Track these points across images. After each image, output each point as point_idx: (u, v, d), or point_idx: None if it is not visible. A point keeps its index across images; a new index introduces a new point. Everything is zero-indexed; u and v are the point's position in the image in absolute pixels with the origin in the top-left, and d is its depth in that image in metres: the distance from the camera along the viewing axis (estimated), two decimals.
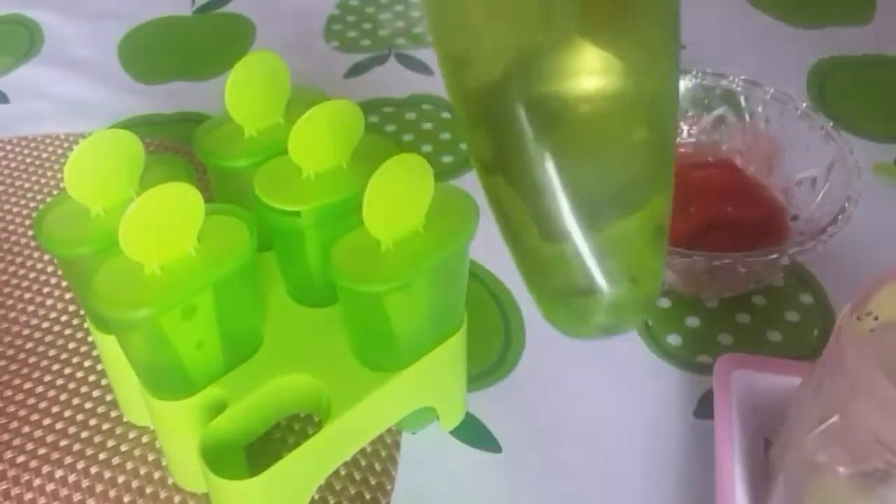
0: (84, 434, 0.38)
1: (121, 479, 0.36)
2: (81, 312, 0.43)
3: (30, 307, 0.43)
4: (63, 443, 0.38)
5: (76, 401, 0.39)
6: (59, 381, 0.40)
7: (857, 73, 0.58)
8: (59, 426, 0.38)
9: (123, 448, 0.37)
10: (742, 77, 0.47)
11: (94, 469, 0.37)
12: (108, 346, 0.34)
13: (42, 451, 0.37)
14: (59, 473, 0.36)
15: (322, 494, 0.35)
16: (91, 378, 0.40)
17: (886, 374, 0.25)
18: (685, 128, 0.48)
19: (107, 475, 0.36)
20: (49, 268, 0.45)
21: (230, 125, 0.36)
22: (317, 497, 0.35)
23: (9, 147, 0.53)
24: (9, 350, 0.41)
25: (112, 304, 0.29)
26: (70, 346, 0.41)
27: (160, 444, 0.37)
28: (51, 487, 0.36)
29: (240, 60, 0.35)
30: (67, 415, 0.39)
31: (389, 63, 0.60)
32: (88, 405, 0.39)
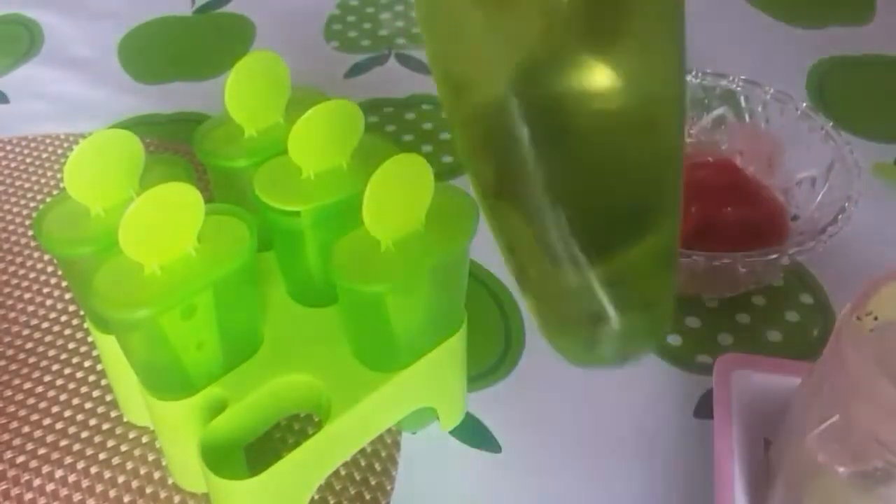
0: (84, 434, 0.38)
1: (121, 479, 0.36)
2: (81, 312, 0.43)
3: (30, 307, 0.43)
4: (63, 443, 0.38)
5: (76, 401, 0.39)
6: (59, 381, 0.40)
7: (857, 73, 0.58)
8: (59, 426, 0.38)
9: (123, 448, 0.37)
10: (742, 77, 0.47)
11: (94, 469, 0.37)
12: (108, 346, 0.34)
13: (42, 451, 0.37)
14: (59, 473, 0.36)
15: (322, 494, 0.35)
16: (91, 378, 0.40)
17: (886, 374, 0.25)
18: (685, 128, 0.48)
19: (107, 475, 0.36)
20: (49, 268, 0.45)
21: (230, 125, 0.36)
22: (317, 497, 0.35)
23: (9, 147, 0.53)
24: (9, 350, 0.41)
25: (112, 304, 0.29)
26: (70, 346, 0.41)
27: (160, 444, 0.37)
28: (51, 487, 0.36)
29: (240, 60, 0.35)
30: (67, 415, 0.39)
31: (389, 63, 0.60)
32: (88, 405, 0.39)
